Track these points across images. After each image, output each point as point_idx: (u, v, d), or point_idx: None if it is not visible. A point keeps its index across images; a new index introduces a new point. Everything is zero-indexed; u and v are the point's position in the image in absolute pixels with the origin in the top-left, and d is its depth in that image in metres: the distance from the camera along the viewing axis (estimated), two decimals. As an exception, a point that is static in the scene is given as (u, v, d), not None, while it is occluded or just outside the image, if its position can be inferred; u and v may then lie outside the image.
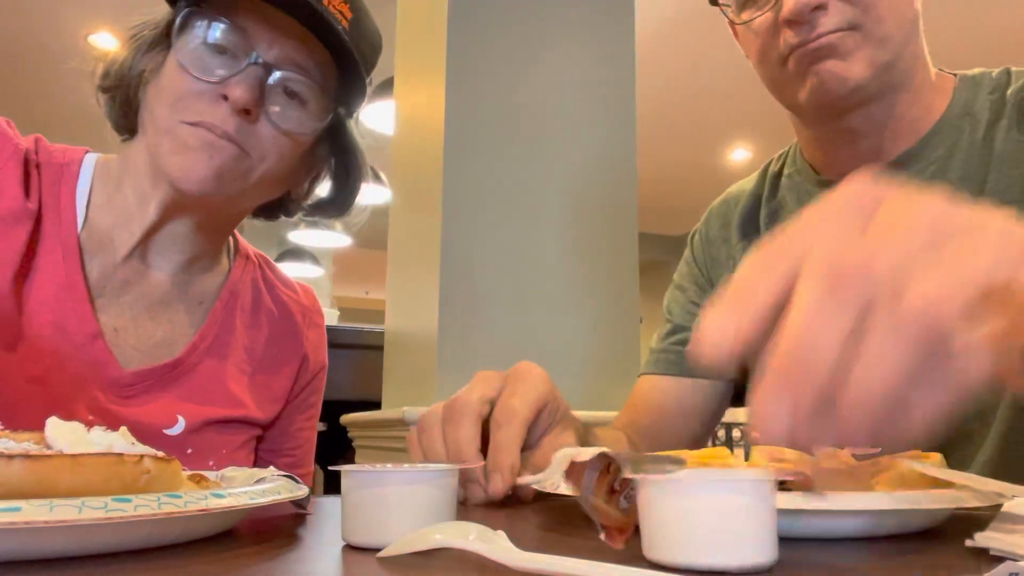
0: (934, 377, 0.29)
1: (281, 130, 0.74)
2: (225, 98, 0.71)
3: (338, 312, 4.72)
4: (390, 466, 0.42)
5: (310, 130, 0.77)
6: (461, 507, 0.53)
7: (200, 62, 0.72)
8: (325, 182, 0.88)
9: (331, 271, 7.00)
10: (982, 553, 0.36)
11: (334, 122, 0.81)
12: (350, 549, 0.41)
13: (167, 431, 0.78)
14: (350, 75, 0.77)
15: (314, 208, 0.90)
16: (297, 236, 5.47)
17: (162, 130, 0.72)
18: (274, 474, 0.53)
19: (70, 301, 0.74)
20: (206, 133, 0.71)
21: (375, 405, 1.82)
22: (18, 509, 0.33)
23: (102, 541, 0.37)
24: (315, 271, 6.08)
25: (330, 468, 0.45)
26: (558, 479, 0.56)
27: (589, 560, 0.30)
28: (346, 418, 1.87)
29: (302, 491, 0.50)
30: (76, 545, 0.36)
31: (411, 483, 0.41)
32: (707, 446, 0.77)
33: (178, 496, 0.38)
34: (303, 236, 5.45)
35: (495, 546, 0.33)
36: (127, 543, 0.38)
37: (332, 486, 1.96)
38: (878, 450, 0.52)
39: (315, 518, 0.55)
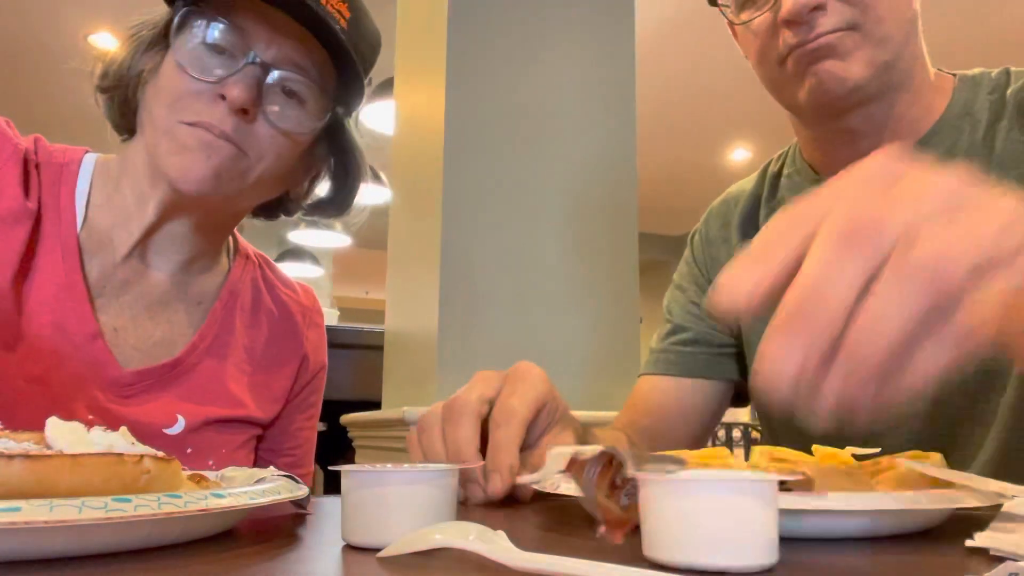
0: (939, 332, 0.31)
1: (279, 130, 0.74)
2: (223, 98, 0.71)
3: (338, 312, 4.72)
4: (390, 466, 0.42)
5: (308, 130, 0.77)
6: (461, 507, 0.53)
7: (198, 62, 0.72)
8: (324, 182, 0.88)
9: (331, 271, 7.00)
10: (982, 553, 0.36)
11: (332, 121, 0.81)
12: (350, 549, 0.41)
13: (167, 431, 0.78)
14: (348, 75, 0.77)
15: (313, 208, 0.90)
16: (297, 236, 5.47)
17: (160, 130, 0.72)
18: (274, 474, 0.53)
19: (69, 301, 0.74)
20: (204, 133, 0.71)
21: (375, 405, 1.82)
22: (18, 509, 0.33)
23: (102, 541, 0.37)
24: (315, 271, 6.08)
25: (330, 468, 0.45)
26: (558, 479, 0.56)
27: (589, 560, 0.30)
28: (346, 418, 1.88)
29: (302, 491, 0.50)
30: (76, 545, 0.36)
31: (411, 483, 0.41)
32: (707, 446, 0.77)
33: (178, 496, 0.38)
34: (303, 236, 5.45)
35: (495, 546, 0.33)
36: (127, 543, 0.38)
37: (332, 486, 1.96)
38: (878, 450, 0.52)
39: (315, 518, 0.55)
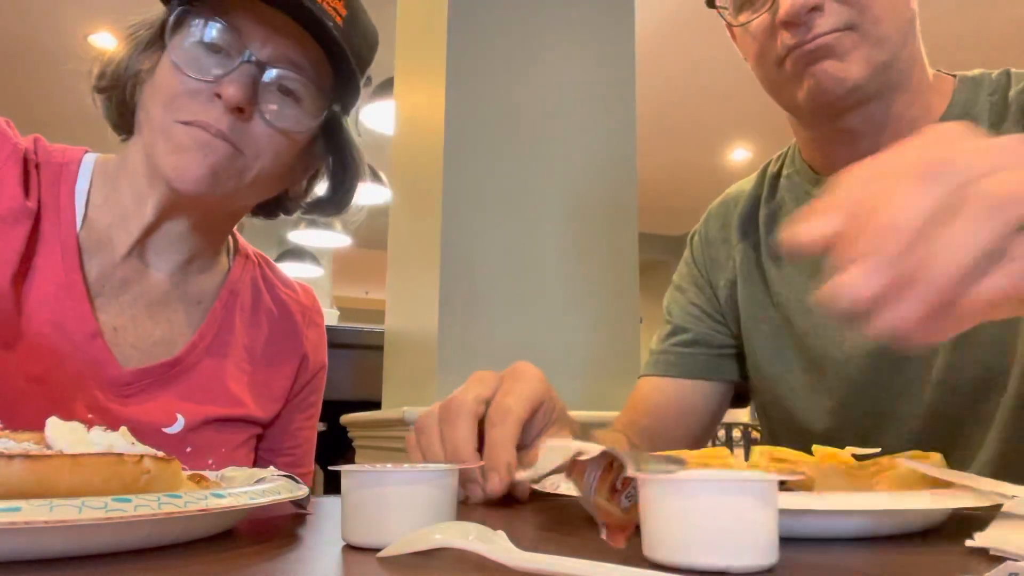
0: (1000, 266, 0.34)
1: (275, 128, 0.74)
2: (219, 97, 0.71)
3: (338, 312, 4.72)
4: (390, 466, 0.42)
5: (305, 128, 0.77)
6: (461, 507, 0.53)
7: (193, 61, 0.72)
8: (323, 180, 0.88)
9: (331, 271, 7.00)
10: (982, 553, 0.36)
11: (330, 119, 0.81)
12: (350, 549, 0.41)
13: (166, 430, 0.77)
14: (345, 72, 0.77)
15: (312, 206, 0.90)
16: (297, 236, 5.47)
17: (157, 129, 0.72)
18: (274, 474, 0.53)
19: (69, 300, 0.74)
20: (200, 132, 0.71)
21: (375, 405, 1.82)
22: (18, 509, 0.33)
23: (102, 541, 0.37)
24: (315, 271, 6.07)
25: (330, 468, 0.45)
26: (557, 479, 0.56)
27: (589, 560, 0.30)
28: (346, 418, 1.87)
29: (302, 491, 0.50)
30: (76, 545, 0.36)
31: (411, 483, 0.41)
32: (707, 446, 0.77)
33: (178, 496, 0.38)
34: (303, 236, 5.45)
35: (495, 546, 0.33)
36: (127, 543, 0.38)
37: (332, 486, 1.96)
38: (878, 450, 0.52)
39: (315, 518, 0.55)
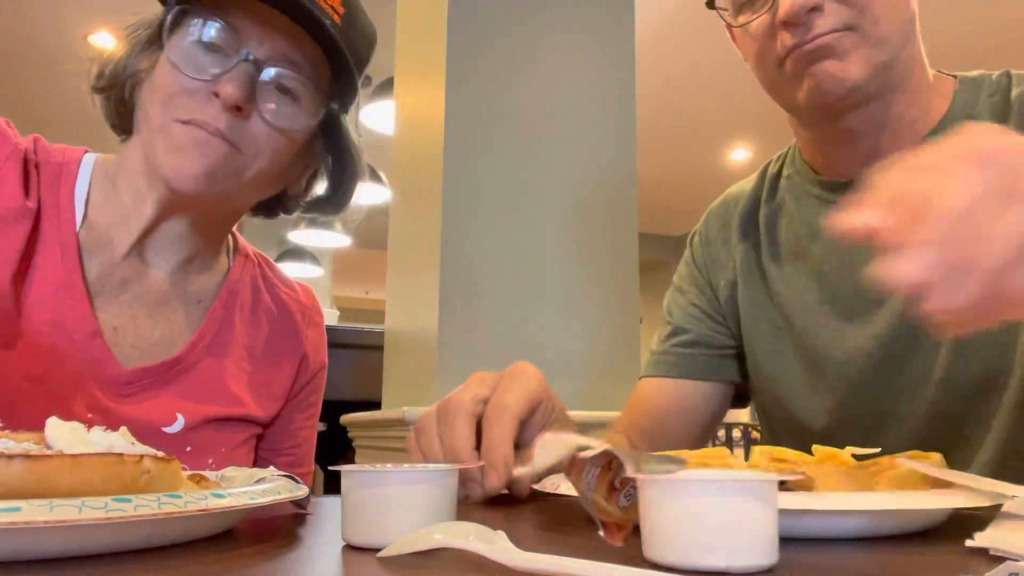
0: None
1: (274, 127, 0.74)
2: (217, 96, 0.71)
3: (338, 312, 4.72)
4: (390, 466, 0.42)
5: (303, 126, 0.77)
6: (461, 507, 0.53)
7: (191, 60, 0.72)
8: (323, 179, 0.88)
9: (331, 271, 7.00)
10: (982, 553, 0.36)
11: (328, 118, 0.81)
12: (350, 549, 0.41)
13: (166, 429, 0.77)
14: (342, 70, 0.77)
15: (311, 205, 0.90)
16: (297, 236, 5.46)
17: (155, 129, 0.72)
18: (274, 474, 0.53)
19: (69, 299, 0.74)
20: (198, 131, 0.71)
21: (375, 405, 1.82)
22: (18, 509, 0.33)
23: (102, 541, 0.37)
24: (315, 271, 6.07)
25: (330, 468, 0.45)
26: (557, 479, 0.56)
27: (589, 560, 0.30)
28: (346, 418, 1.87)
29: (302, 491, 0.50)
30: (76, 545, 0.36)
31: (411, 483, 0.41)
32: (707, 447, 0.77)
33: (178, 496, 0.38)
34: (303, 236, 5.44)
35: (495, 546, 0.33)
36: (127, 543, 0.38)
37: (332, 486, 1.96)
38: (878, 450, 0.52)
39: (315, 518, 0.55)
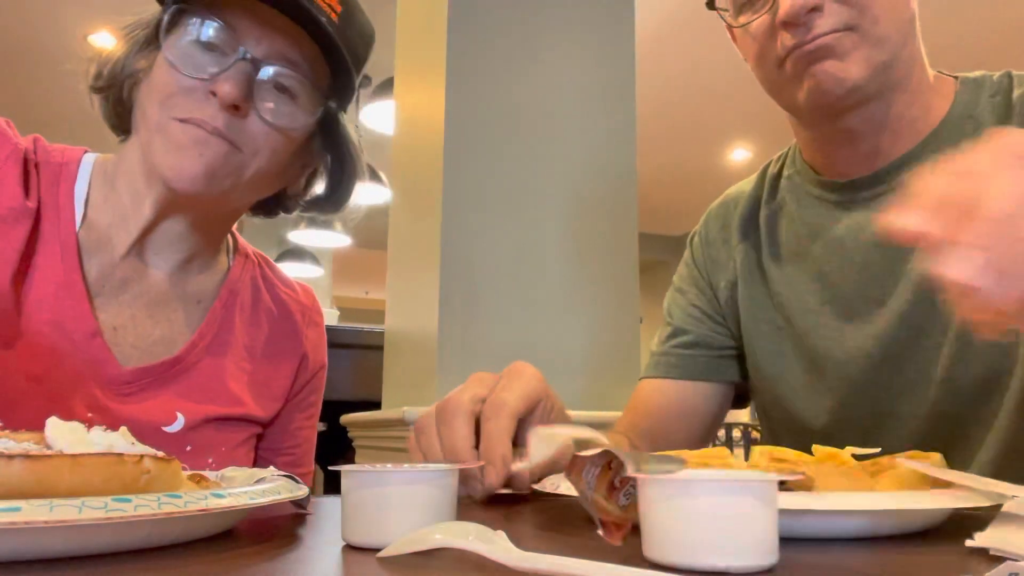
0: None
1: (272, 125, 0.75)
2: (214, 95, 0.71)
3: (338, 312, 4.72)
4: (390, 466, 0.42)
5: (301, 125, 0.77)
6: (461, 507, 0.53)
7: (188, 59, 0.72)
8: (322, 178, 0.88)
9: (331, 271, 7.00)
10: (982, 553, 0.36)
11: (326, 116, 0.81)
12: (350, 549, 0.41)
13: (166, 428, 0.78)
14: (340, 69, 0.77)
15: (311, 204, 0.90)
16: (297, 236, 5.46)
17: (153, 128, 0.73)
18: (274, 474, 0.53)
19: (69, 299, 0.74)
20: (196, 130, 0.71)
21: (375, 405, 1.82)
22: (18, 509, 0.33)
23: (102, 541, 0.37)
24: (315, 271, 6.07)
25: (330, 468, 0.45)
26: (557, 479, 0.56)
27: (589, 560, 0.30)
28: (346, 418, 1.87)
29: (302, 491, 0.50)
30: (76, 545, 0.36)
31: (411, 483, 0.41)
32: (708, 447, 0.77)
33: (178, 496, 0.38)
34: (303, 236, 5.44)
35: (495, 546, 0.33)
36: (127, 543, 0.38)
37: (332, 486, 1.96)
38: (878, 450, 0.52)
39: (315, 518, 0.55)
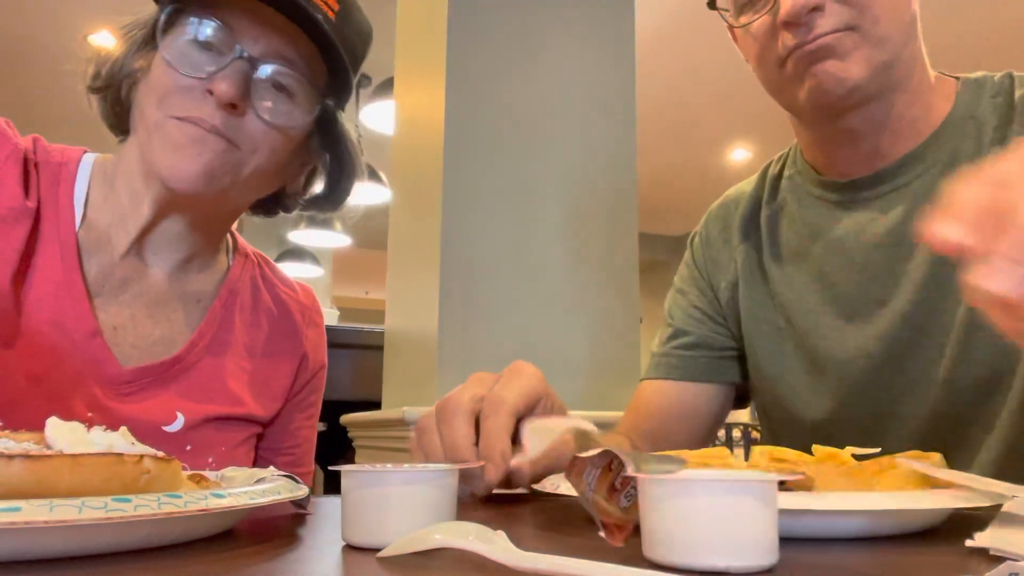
0: None
1: (269, 124, 0.75)
2: (211, 93, 0.71)
3: (338, 312, 4.72)
4: (390, 466, 0.42)
5: (298, 123, 0.77)
6: (461, 507, 0.53)
7: (185, 58, 0.72)
8: (321, 176, 0.88)
9: (331, 271, 7.00)
10: (982, 553, 0.36)
11: (324, 114, 0.81)
12: (350, 549, 0.41)
13: (166, 428, 0.78)
14: (337, 67, 0.77)
15: (310, 202, 0.90)
16: (297, 236, 5.46)
17: (151, 127, 0.73)
18: (274, 474, 0.53)
19: (68, 299, 0.74)
20: (193, 128, 0.71)
21: (375, 405, 1.82)
22: (18, 509, 0.33)
23: (102, 541, 0.37)
24: (315, 271, 6.07)
25: (330, 468, 0.45)
26: (557, 479, 0.56)
27: (589, 560, 0.30)
28: (346, 418, 1.87)
29: (302, 491, 0.50)
30: (76, 545, 0.36)
31: (411, 483, 0.41)
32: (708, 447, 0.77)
33: (178, 496, 0.38)
34: (303, 236, 5.44)
35: (495, 546, 0.33)
36: (127, 543, 0.38)
37: (332, 486, 1.96)
38: (878, 450, 0.52)
39: (315, 518, 0.55)
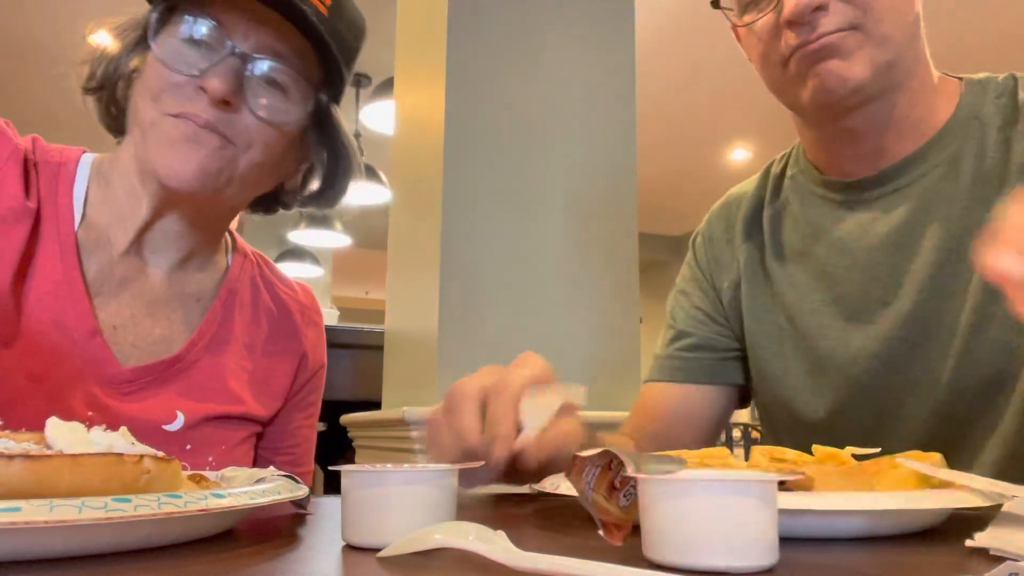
0: None
1: (263, 119, 0.75)
2: (204, 90, 0.71)
3: (338, 312, 4.71)
4: (390, 466, 0.42)
5: (292, 118, 0.77)
6: (461, 507, 0.53)
7: (178, 56, 0.72)
8: (319, 173, 0.88)
9: (331, 271, 7.00)
10: (982, 553, 0.36)
11: (318, 110, 0.81)
12: (350, 549, 0.41)
13: (166, 427, 0.78)
14: (330, 61, 0.77)
15: (307, 199, 0.90)
16: (297, 236, 5.45)
17: (146, 124, 0.73)
18: (274, 474, 0.53)
19: (68, 298, 0.74)
20: (187, 124, 0.71)
21: (375, 405, 1.82)
22: (18, 509, 0.33)
23: (102, 541, 0.37)
24: (315, 271, 6.07)
25: (330, 468, 0.45)
26: (557, 479, 0.55)
27: (589, 560, 0.30)
28: (346, 418, 1.87)
29: (302, 491, 0.50)
30: (76, 545, 0.36)
31: (411, 483, 0.41)
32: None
33: (178, 496, 0.38)
34: (303, 236, 5.44)
35: (495, 546, 0.33)
36: (127, 543, 0.38)
37: (332, 486, 1.96)
38: (878, 450, 0.52)
39: (315, 518, 0.55)
